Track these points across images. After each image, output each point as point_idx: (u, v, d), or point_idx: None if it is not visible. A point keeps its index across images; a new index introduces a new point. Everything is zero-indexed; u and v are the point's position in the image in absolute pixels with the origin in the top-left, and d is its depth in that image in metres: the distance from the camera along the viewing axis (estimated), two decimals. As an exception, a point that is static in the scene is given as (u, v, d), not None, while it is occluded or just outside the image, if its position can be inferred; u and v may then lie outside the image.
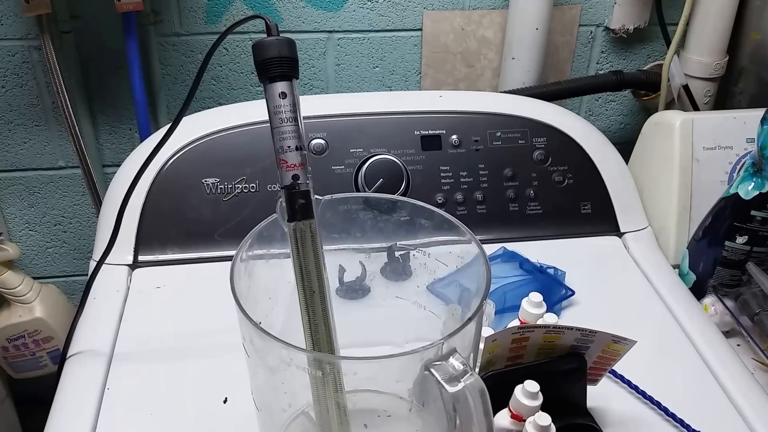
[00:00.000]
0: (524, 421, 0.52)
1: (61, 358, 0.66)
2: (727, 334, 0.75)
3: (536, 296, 0.61)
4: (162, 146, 0.59)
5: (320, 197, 0.49)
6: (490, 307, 0.67)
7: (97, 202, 0.99)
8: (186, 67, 1.01)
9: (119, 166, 1.07)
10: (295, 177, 0.46)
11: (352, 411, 0.45)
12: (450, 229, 0.51)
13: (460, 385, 0.36)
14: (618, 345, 0.55)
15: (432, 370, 0.36)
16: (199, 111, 0.85)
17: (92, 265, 0.78)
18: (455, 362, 0.36)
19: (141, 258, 0.78)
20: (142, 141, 0.95)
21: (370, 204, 0.54)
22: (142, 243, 0.78)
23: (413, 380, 0.48)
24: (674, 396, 0.62)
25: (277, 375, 0.42)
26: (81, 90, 0.99)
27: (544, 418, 0.49)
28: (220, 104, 1.04)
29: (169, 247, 0.78)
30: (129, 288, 0.75)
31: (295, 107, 0.46)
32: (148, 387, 0.62)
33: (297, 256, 0.46)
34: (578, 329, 0.54)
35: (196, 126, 0.82)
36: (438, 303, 0.59)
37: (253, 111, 0.84)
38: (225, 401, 0.60)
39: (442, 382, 0.36)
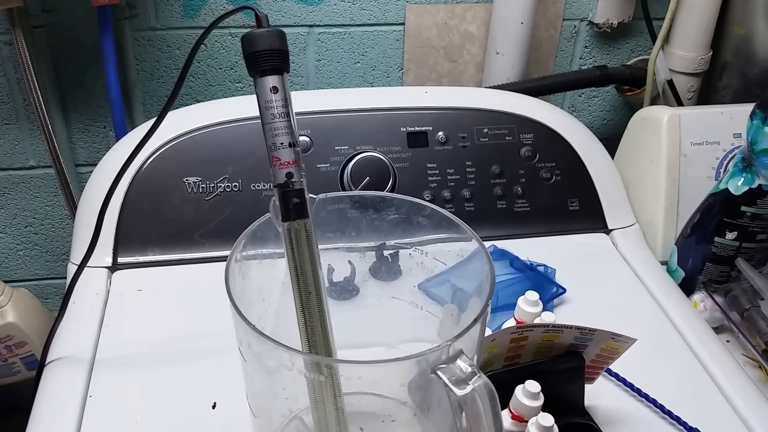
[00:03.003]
0: (526, 422, 0.51)
1: (39, 364, 0.63)
2: (716, 330, 0.75)
3: (533, 295, 0.60)
4: (145, 143, 0.57)
5: (314, 196, 0.47)
6: (478, 304, 0.66)
7: (71, 203, 0.96)
8: (162, 63, 0.99)
9: (93, 165, 1.04)
10: (289, 175, 0.44)
11: (354, 414, 0.43)
12: (449, 227, 0.49)
13: (469, 388, 0.34)
14: (617, 343, 0.55)
15: (439, 372, 0.35)
16: (177, 108, 0.83)
17: (71, 268, 0.75)
18: (463, 364, 0.35)
19: (120, 260, 0.75)
20: (117, 139, 0.92)
21: (365, 202, 0.52)
22: (121, 244, 0.75)
23: (413, 384, 0.46)
24: (668, 393, 0.61)
25: (277, 380, 0.41)
26: (53, 87, 0.96)
27: (547, 419, 0.48)
28: (198, 101, 1.02)
29: (149, 249, 0.76)
30: (109, 291, 0.72)
31: (287, 102, 0.44)
32: (132, 394, 0.60)
33: (292, 257, 0.44)
34: (578, 328, 0.53)
35: (175, 123, 0.79)
36: (430, 302, 0.58)
37: (233, 107, 0.82)
38: (213, 407, 0.58)
39: (450, 384, 0.34)
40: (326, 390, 0.42)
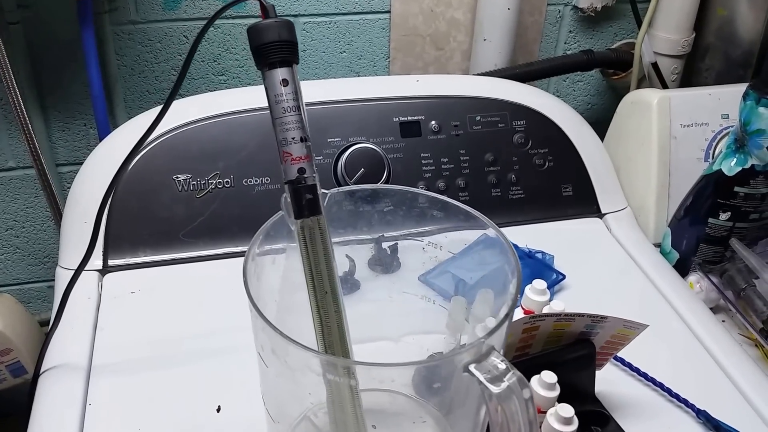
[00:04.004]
0: (543, 413, 0.50)
1: (33, 373, 0.61)
2: (711, 310, 0.76)
3: (540, 283, 0.60)
4: (147, 138, 0.55)
5: (326, 191, 0.46)
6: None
7: (54, 204, 0.93)
8: (143, 57, 0.96)
9: (74, 164, 1.01)
10: (301, 170, 0.43)
11: (384, 414, 0.42)
12: (464, 218, 0.49)
13: (504, 384, 0.34)
14: (628, 330, 0.54)
15: (474, 370, 0.34)
16: (160, 104, 0.80)
17: (60, 272, 0.73)
18: (496, 361, 0.34)
19: (111, 262, 0.73)
20: (100, 137, 0.89)
21: (377, 195, 0.51)
22: (111, 246, 0.73)
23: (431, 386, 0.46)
24: (672, 375, 0.62)
25: (303, 385, 0.39)
26: (31, 85, 0.92)
27: (567, 410, 0.48)
28: (181, 96, 0.98)
29: (141, 249, 0.74)
30: (101, 294, 0.70)
31: (297, 95, 0.43)
32: (133, 400, 0.58)
33: (306, 256, 0.43)
34: (589, 316, 0.53)
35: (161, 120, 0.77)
36: (434, 295, 0.57)
37: (222, 101, 0.80)
38: (218, 410, 0.57)
39: (485, 382, 0.34)
40: (346, 391, 0.41)
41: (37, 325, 0.99)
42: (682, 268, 0.80)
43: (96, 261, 0.72)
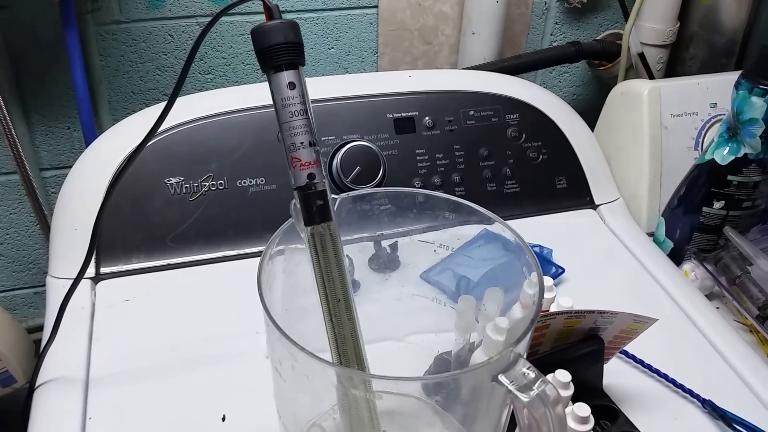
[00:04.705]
0: (557, 412, 0.50)
1: (29, 388, 0.60)
2: (707, 298, 0.76)
3: (547, 280, 0.59)
4: (151, 137, 0.54)
5: (336, 196, 0.45)
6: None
7: (39, 210, 0.90)
8: (127, 57, 0.93)
9: (58, 168, 0.99)
10: (311, 176, 0.42)
11: (392, 414, 0.42)
12: (479, 220, 0.48)
13: (534, 393, 0.33)
14: (637, 324, 0.54)
15: (503, 379, 0.33)
16: (145, 105, 0.79)
17: (51, 281, 0.71)
18: (524, 369, 0.34)
19: (103, 269, 0.71)
20: (86, 141, 0.87)
21: (384, 198, 0.50)
22: (103, 252, 0.72)
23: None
24: (673, 363, 0.62)
25: (325, 401, 0.38)
26: (12, 88, 0.90)
27: (584, 409, 0.47)
28: (167, 95, 0.97)
29: (134, 256, 0.72)
30: (94, 303, 0.68)
31: (304, 98, 0.42)
32: (134, 411, 0.57)
33: (317, 263, 0.42)
34: (599, 312, 0.53)
35: (151, 122, 0.75)
36: (438, 293, 0.56)
37: (212, 101, 0.78)
38: (223, 419, 0.56)
39: (515, 391, 0.33)
40: (363, 402, 0.41)
41: (25, 333, 0.97)
42: (676, 257, 0.81)
43: (88, 269, 0.71)
